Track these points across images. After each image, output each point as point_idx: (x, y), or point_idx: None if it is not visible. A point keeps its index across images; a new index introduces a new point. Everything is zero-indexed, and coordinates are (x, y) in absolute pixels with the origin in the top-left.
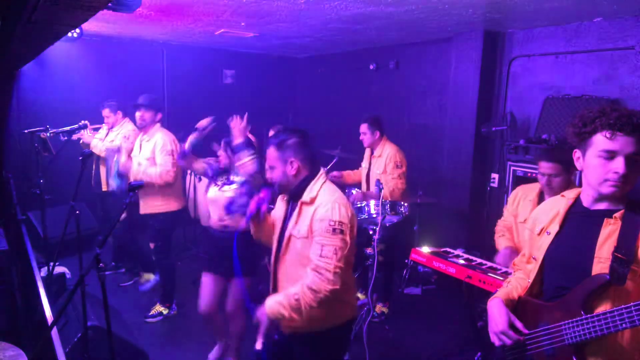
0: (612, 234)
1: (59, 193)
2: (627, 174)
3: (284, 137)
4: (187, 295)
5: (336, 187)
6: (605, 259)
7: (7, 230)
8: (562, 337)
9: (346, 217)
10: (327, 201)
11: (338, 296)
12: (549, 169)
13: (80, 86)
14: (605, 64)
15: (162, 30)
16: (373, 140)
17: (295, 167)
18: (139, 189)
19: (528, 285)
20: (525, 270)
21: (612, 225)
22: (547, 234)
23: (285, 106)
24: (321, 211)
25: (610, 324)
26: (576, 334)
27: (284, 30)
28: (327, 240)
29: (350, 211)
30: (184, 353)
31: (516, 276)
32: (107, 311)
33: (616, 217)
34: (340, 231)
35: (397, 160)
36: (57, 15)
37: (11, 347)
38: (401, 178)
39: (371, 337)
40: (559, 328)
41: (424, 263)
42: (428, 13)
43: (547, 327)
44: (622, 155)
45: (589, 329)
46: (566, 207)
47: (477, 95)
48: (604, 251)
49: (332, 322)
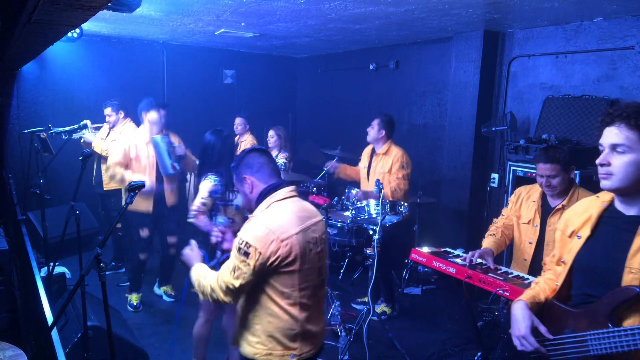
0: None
1: (59, 193)
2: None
3: (237, 157)
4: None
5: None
6: (636, 269)
7: (7, 230)
8: (586, 347)
9: (259, 242)
10: (255, 218)
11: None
12: (547, 170)
13: (80, 86)
14: (605, 64)
15: (162, 30)
16: (377, 137)
17: (249, 183)
18: (140, 189)
19: (556, 287)
20: (555, 272)
21: None
22: (577, 238)
23: (285, 106)
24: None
25: (634, 340)
26: (602, 346)
27: (284, 30)
28: (232, 254)
29: (275, 235)
30: (184, 353)
31: (545, 277)
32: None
33: None
34: (244, 252)
35: (404, 162)
36: (57, 15)
37: (11, 347)
38: (405, 179)
39: (371, 337)
40: (584, 337)
41: (424, 263)
42: (428, 13)
43: (573, 335)
44: (606, 146)
45: (615, 342)
46: (599, 211)
47: (477, 95)
48: (636, 261)
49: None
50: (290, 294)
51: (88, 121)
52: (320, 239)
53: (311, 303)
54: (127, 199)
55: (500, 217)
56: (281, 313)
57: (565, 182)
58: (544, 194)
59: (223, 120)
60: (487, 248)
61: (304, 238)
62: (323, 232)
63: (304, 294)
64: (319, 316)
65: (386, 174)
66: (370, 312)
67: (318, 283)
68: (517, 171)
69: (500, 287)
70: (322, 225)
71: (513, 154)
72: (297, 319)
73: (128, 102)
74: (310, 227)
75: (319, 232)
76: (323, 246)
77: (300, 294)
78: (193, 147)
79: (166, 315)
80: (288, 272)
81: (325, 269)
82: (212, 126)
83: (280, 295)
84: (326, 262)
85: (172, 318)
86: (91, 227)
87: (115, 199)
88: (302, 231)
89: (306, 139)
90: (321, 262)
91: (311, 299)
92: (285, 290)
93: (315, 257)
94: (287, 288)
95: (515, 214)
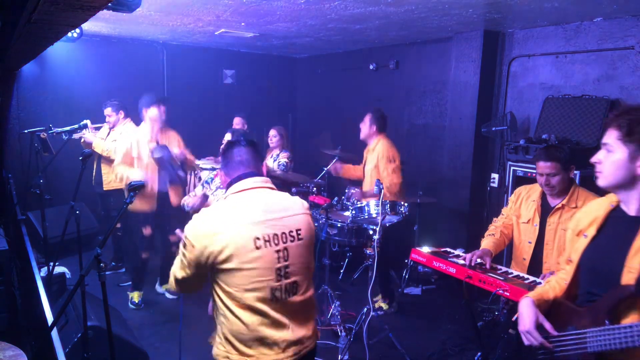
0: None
1: (59, 193)
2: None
3: None
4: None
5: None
6: (635, 269)
7: (7, 230)
8: (585, 344)
9: (193, 235)
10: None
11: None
12: (547, 169)
13: (80, 86)
14: (605, 64)
15: (162, 30)
16: (368, 133)
17: (222, 177)
18: (140, 189)
19: (566, 286)
20: (566, 271)
21: None
22: (584, 237)
23: (285, 106)
24: None
25: (634, 337)
26: (598, 342)
27: (284, 30)
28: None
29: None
30: (184, 353)
31: (558, 276)
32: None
33: None
34: (183, 244)
35: (389, 156)
36: (57, 15)
37: (11, 347)
38: (395, 172)
39: (371, 337)
40: (584, 335)
41: (424, 263)
42: (428, 13)
43: (575, 332)
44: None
45: (611, 339)
46: (607, 211)
47: (477, 95)
48: (636, 261)
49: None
50: (236, 295)
51: (88, 121)
52: (285, 235)
53: (268, 308)
54: (127, 199)
55: (500, 217)
56: (230, 315)
57: (565, 181)
58: (543, 193)
59: (223, 120)
60: (486, 249)
61: (249, 233)
62: (295, 229)
63: (254, 297)
64: (284, 324)
65: (373, 170)
66: (370, 312)
67: (278, 287)
68: (517, 171)
69: (500, 287)
70: (295, 222)
71: (513, 154)
72: (246, 325)
73: (128, 103)
74: (267, 222)
75: (285, 229)
76: (290, 245)
77: (248, 296)
78: (193, 147)
79: (166, 315)
80: (227, 270)
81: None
82: (211, 126)
83: (227, 295)
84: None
85: (172, 318)
86: (91, 227)
87: (115, 199)
88: (250, 225)
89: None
90: (282, 263)
91: (267, 304)
92: (230, 290)
93: (270, 256)
94: (231, 287)
95: (515, 214)
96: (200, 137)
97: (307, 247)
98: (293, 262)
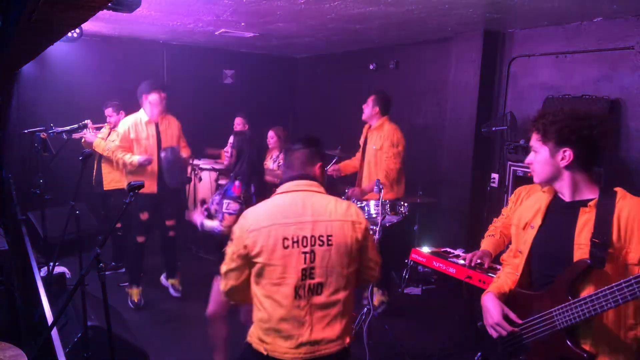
0: (588, 221)
1: (59, 193)
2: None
3: None
4: (188, 295)
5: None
6: (584, 245)
7: (7, 230)
8: (553, 323)
9: (237, 230)
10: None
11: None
12: None
13: (80, 86)
14: (605, 64)
15: (162, 30)
16: (370, 114)
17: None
18: (139, 189)
19: (517, 278)
20: (513, 265)
21: (588, 214)
22: (531, 228)
23: (285, 106)
24: None
25: (596, 305)
26: (566, 318)
27: (284, 30)
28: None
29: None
30: (184, 353)
31: (505, 271)
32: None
33: (590, 205)
34: (231, 239)
35: (394, 139)
36: (57, 15)
37: (11, 347)
38: (395, 158)
39: (371, 337)
40: (550, 315)
41: (424, 263)
42: (428, 13)
43: (540, 315)
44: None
45: (577, 312)
46: (547, 202)
47: (477, 95)
48: (582, 238)
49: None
50: (264, 287)
51: (89, 121)
52: (315, 239)
53: (290, 304)
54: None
55: (500, 217)
56: (258, 303)
57: None
58: None
59: (223, 120)
60: (486, 250)
61: (280, 233)
62: (326, 234)
63: (279, 291)
64: (304, 321)
65: (378, 152)
66: (370, 312)
67: (302, 285)
68: (517, 171)
69: None
70: (328, 227)
71: (513, 154)
72: (269, 314)
73: (128, 103)
74: (298, 224)
75: (316, 233)
76: (318, 248)
77: (274, 289)
78: (193, 147)
79: (167, 314)
80: (258, 264)
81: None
82: (211, 126)
83: (257, 285)
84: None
85: (172, 318)
86: (91, 227)
87: (115, 199)
88: (278, 225)
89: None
90: (308, 264)
91: (290, 299)
92: (260, 281)
93: (297, 257)
94: (260, 279)
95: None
96: (200, 137)
97: (339, 253)
98: (320, 265)
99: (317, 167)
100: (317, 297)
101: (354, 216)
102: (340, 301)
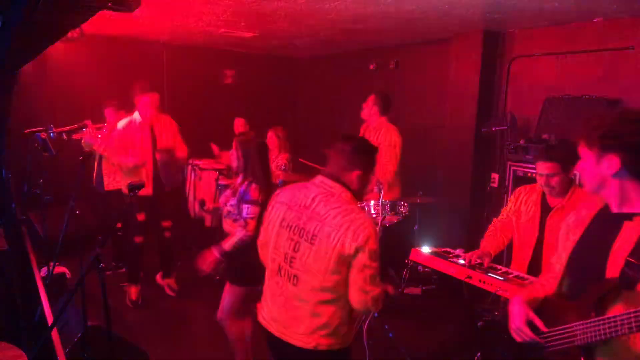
0: (629, 237)
1: (59, 193)
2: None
3: None
4: (188, 295)
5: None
6: (618, 262)
7: (7, 230)
8: (573, 338)
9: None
10: None
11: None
12: (547, 169)
13: (80, 86)
14: (605, 64)
15: (162, 30)
16: (369, 113)
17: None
18: (139, 189)
19: (556, 284)
20: (555, 270)
21: (632, 229)
22: (572, 237)
23: (285, 106)
24: None
25: (613, 328)
26: (584, 335)
27: (284, 31)
28: None
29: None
30: (184, 353)
31: (547, 276)
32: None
33: (636, 220)
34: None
35: (392, 140)
36: (57, 15)
37: (11, 347)
38: (392, 159)
39: (371, 337)
40: (571, 329)
41: (424, 263)
42: (428, 13)
43: (564, 327)
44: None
45: (596, 331)
46: (596, 209)
47: (477, 95)
48: (619, 255)
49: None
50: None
51: (89, 121)
52: (303, 232)
53: (274, 276)
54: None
55: (500, 217)
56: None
57: (565, 182)
58: (544, 194)
59: (223, 121)
60: (486, 249)
61: (282, 213)
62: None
63: (271, 262)
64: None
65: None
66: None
67: (282, 267)
68: (517, 171)
69: (500, 287)
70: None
71: (513, 154)
72: (265, 279)
73: (128, 103)
74: (296, 211)
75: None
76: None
77: (269, 258)
78: (193, 147)
79: (167, 314)
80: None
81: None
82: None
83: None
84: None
85: (172, 318)
86: (91, 227)
87: (115, 199)
88: (287, 206)
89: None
90: (290, 252)
91: (275, 274)
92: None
93: (284, 239)
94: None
95: (515, 214)
96: (200, 138)
97: (317, 256)
98: (299, 258)
99: (354, 174)
100: (293, 288)
101: (351, 235)
102: (315, 303)
